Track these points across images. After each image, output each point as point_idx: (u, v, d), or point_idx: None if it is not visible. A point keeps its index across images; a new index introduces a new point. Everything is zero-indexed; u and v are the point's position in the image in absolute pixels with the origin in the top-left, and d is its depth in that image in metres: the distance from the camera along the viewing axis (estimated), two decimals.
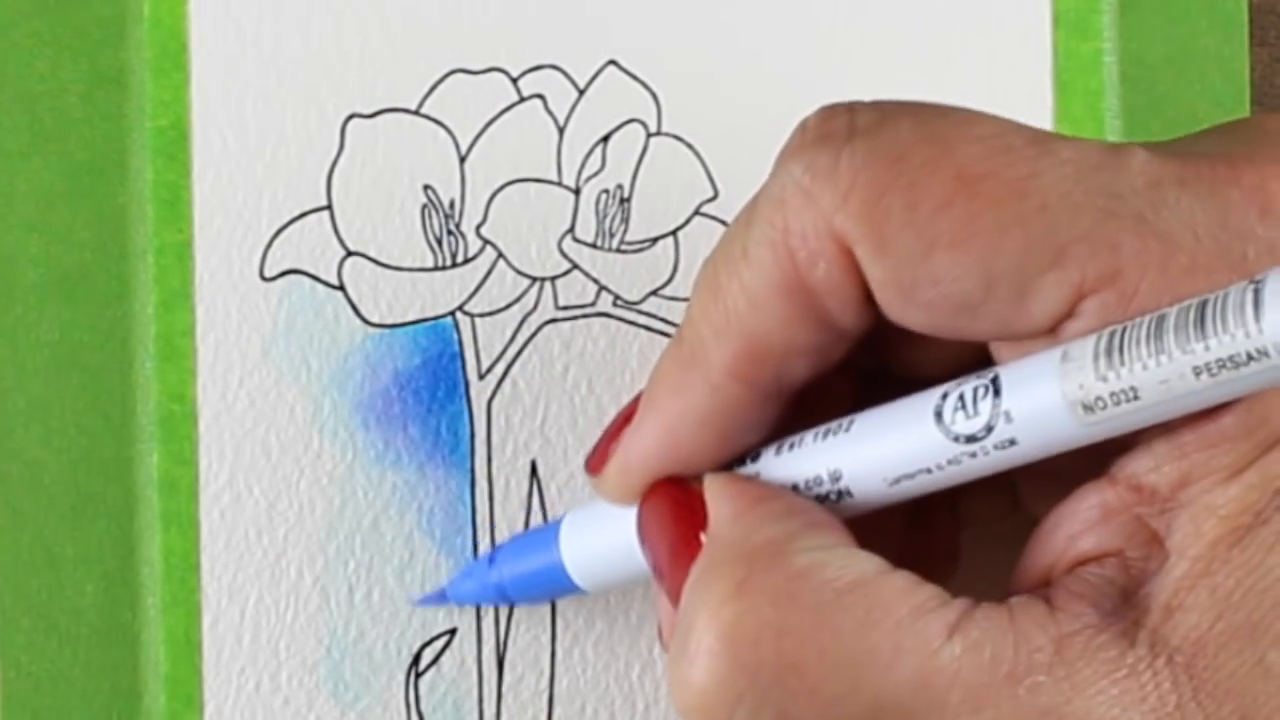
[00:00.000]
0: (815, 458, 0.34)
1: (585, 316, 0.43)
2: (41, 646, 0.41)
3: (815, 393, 0.34)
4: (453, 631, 0.42)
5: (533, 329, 0.42)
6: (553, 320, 0.43)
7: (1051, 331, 0.31)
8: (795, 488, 0.34)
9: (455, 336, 0.42)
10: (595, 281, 0.43)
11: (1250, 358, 0.28)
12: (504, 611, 0.42)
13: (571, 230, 0.43)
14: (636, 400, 0.35)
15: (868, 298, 0.32)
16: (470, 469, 0.42)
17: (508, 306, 0.42)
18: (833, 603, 0.31)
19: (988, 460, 0.32)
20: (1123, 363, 0.29)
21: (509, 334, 0.42)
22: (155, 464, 0.42)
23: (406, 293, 0.42)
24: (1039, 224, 0.31)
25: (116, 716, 0.41)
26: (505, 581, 0.40)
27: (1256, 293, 0.28)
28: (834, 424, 0.34)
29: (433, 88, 0.42)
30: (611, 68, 0.43)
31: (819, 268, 0.32)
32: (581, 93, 0.43)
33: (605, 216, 0.43)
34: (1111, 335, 0.30)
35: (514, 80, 0.43)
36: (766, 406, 0.34)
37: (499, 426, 0.42)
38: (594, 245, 0.43)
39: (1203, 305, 0.29)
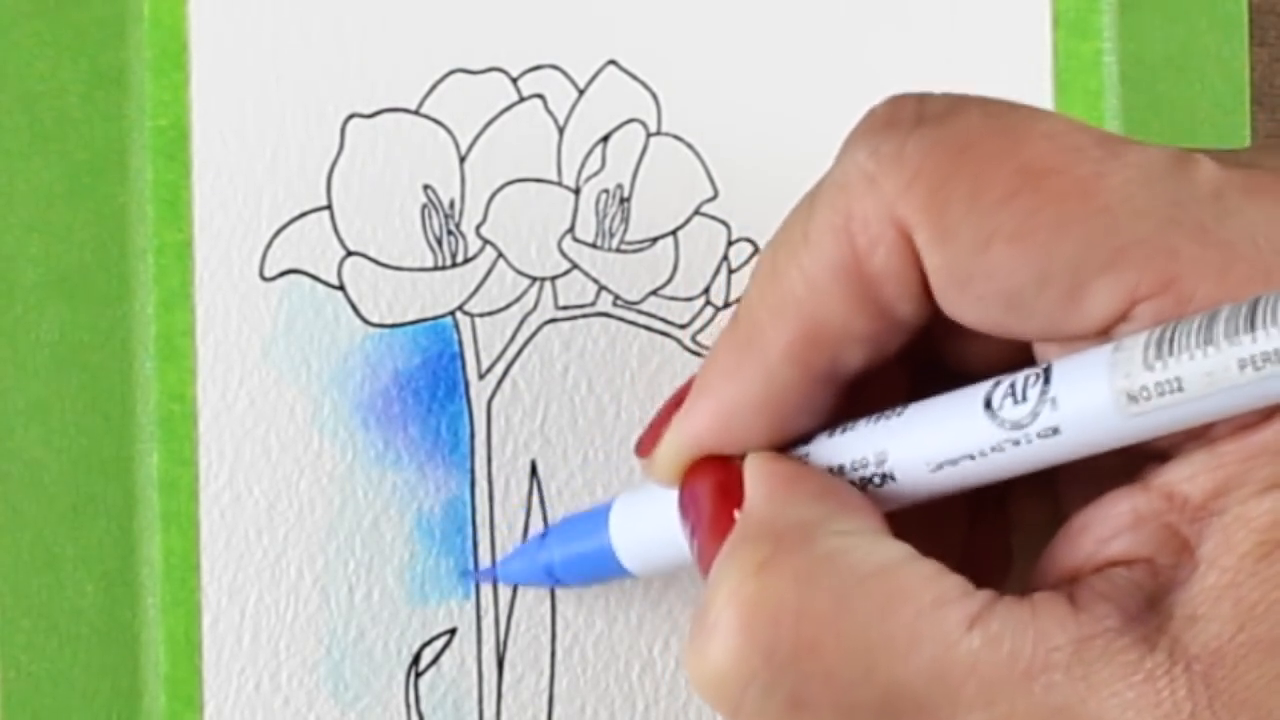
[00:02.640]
0: (864, 440, 0.34)
1: (585, 316, 0.43)
2: (41, 646, 0.41)
3: (876, 384, 0.34)
4: (453, 631, 0.42)
5: (533, 329, 0.42)
6: (553, 320, 0.42)
7: (1102, 334, 0.31)
8: (841, 468, 0.34)
9: (455, 336, 0.42)
10: (595, 281, 0.43)
11: None
12: (504, 611, 0.42)
13: (571, 230, 0.43)
14: (688, 385, 0.35)
15: (926, 287, 0.32)
16: (470, 469, 0.42)
17: (508, 306, 0.42)
18: (854, 588, 0.31)
19: (1031, 450, 0.31)
20: (1171, 354, 0.30)
21: (509, 334, 0.42)
22: (155, 464, 0.42)
23: (406, 293, 0.42)
24: (1099, 225, 0.30)
25: (116, 716, 0.41)
26: (555, 563, 0.41)
27: None
28: (890, 411, 0.34)
29: (433, 88, 0.42)
30: (611, 68, 0.43)
31: (879, 254, 0.32)
32: (581, 93, 0.43)
33: (605, 216, 0.43)
34: (1164, 329, 0.30)
35: (514, 80, 0.43)
36: (821, 392, 0.34)
37: (499, 426, 0.42)
38: (594, 245, 0.43)
39: (1255, 302, 0.29)
